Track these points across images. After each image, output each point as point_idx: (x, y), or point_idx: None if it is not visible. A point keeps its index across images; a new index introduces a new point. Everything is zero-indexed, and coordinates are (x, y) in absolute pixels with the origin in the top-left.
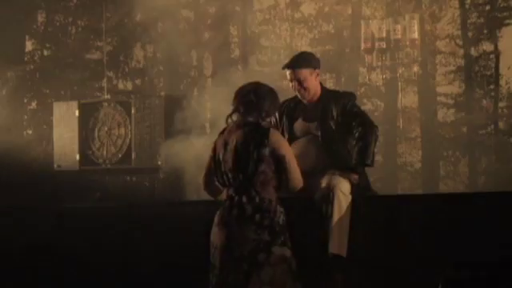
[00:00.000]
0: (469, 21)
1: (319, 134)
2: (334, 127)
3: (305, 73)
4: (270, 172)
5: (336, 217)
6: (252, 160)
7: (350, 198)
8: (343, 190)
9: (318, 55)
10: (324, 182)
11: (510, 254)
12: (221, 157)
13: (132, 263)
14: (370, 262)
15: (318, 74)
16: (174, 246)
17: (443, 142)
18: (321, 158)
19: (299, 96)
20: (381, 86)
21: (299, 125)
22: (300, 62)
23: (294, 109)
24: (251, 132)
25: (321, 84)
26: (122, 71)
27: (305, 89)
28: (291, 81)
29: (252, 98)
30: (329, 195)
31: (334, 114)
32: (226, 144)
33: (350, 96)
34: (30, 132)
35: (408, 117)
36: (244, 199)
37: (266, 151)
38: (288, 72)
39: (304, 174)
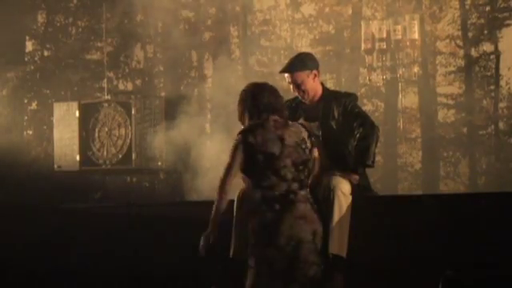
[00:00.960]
0: (469, 21)
1: (320, 133)
2: (335, 127)
3: (301, 76)
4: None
5: (336, 217)
6: (311, 156)
7: (350, 198)
8: (344, 190)
9: (319, 56)
10: (324, 183)
11: (510, 254)
12: (276, 151)
13: (132, 263)
14: (370, 262)
15: (315, 75)
16: (174, 246)
17: (443, 143)
18: (322, 158)
19: (300, 97)
20: (381, 86)
21: None
22: (295, 65)
23: (295, 109)
24: (305, 130)
25: (322, 84)
26: (123, 72)
27: (303, 91)
28: (289, 84)
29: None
30: (329, 195)
31: (336, 114)
32: (282, 139)
33: (351, 96)
34: (31, 132)
35: (408, 117)
36: (308, 194)
37: (316, 150)
38: (285, 75)
39: None
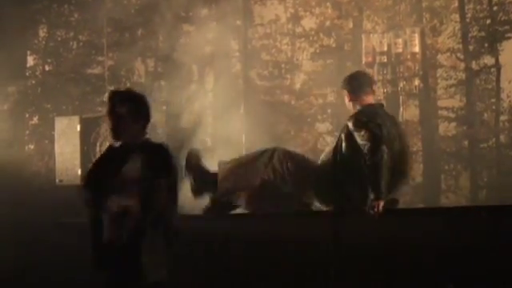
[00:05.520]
0: (470, 34)
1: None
2: (343, 138)
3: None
4: None
5: None
6: None
7: None
8: None
9: (319, 69)
10: None
11: (511, 267)
12: None
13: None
14: (369, 274)
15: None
16: (173, 259)
17: (444, 156)
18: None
19: None
20: (382, 99)
21: None
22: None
23: None
24: None
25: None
26: (124, 86)
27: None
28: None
29: None
30: None
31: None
32: None
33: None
34: (32, 147)
35: (409, 130)
36: None
37: None
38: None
39: None
